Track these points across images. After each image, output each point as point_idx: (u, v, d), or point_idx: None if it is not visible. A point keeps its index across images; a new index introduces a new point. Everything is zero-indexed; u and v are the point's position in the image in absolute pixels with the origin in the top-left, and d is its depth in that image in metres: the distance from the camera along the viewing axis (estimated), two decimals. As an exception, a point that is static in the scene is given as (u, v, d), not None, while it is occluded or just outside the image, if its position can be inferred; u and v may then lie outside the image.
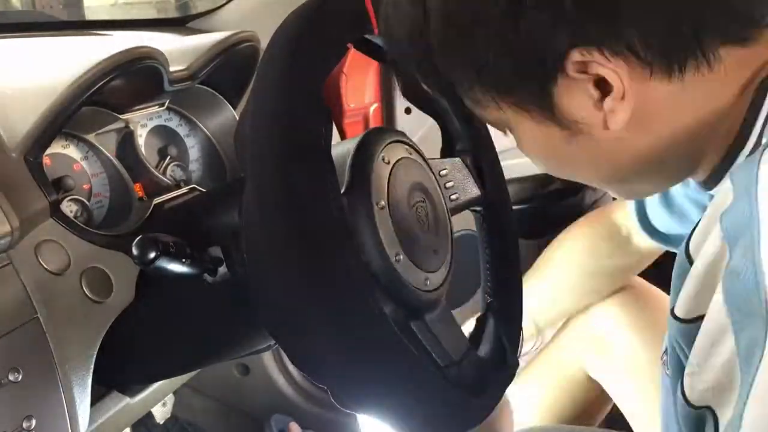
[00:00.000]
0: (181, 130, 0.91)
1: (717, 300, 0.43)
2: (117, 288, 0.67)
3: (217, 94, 0.91)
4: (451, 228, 0.68)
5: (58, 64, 0.73)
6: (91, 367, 0.64)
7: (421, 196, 0.64)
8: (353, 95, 1.20)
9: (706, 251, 0.46)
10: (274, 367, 1.31)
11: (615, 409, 1.10)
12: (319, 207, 0.50)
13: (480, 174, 0.77)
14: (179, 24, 1.26)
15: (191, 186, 0.85)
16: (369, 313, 0.51)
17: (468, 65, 0.51)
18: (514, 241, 0.79)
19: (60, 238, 0.64)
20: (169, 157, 0.87)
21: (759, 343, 0.39)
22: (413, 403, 0.54)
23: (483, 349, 0.69)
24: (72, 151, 0.77)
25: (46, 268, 0.62)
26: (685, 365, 0.48)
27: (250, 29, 0.91)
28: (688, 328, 0.48)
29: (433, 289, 0.62)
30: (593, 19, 0.46)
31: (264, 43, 0.57)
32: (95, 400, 0.67)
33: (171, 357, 0.72)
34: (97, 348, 0.64)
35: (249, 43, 0.90)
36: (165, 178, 0.83)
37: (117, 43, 0.84)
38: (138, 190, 0.80)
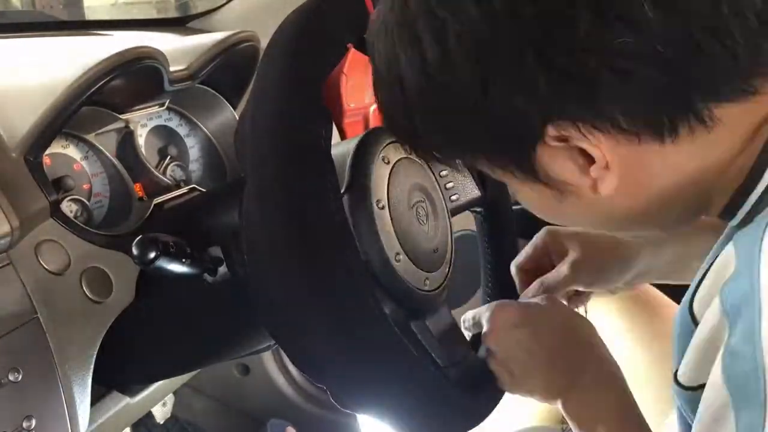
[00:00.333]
0: (181, 130, 0.91)
1: (716, 373, 0.42)
2: (117, 288, 0.67)
3: (217, 94, 0.91)
4: (451, 228, 0.68)
5: (58, 64, 0.73)
6: (91, 367, 0.64)
7: (421, 196, 0.64)
8: (353, 95, 1.19)
9: (707, 321, 0.44)
10: (274, 367, 1.31)
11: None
12: (319, 207, 0.50)
13: (480, 174, 0.77)
14: (179, 24, 1.26)
15: (191, 186, 0.85)
16: (369, 313, 0.51)
17: (448, 134, 0.49)
18: (514, 241, 0.79)
19: (60, 238, 0.64)
20: (169, 157, 0.87)
21: (757, 430, 0.38)
22: (413, 403, 0.54)
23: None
24: (72, 151, 0.77)
25: (46, 268, 0.62)
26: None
27: (250, 29, 0.91)
28: (693, 396, 0.47)
29: (433, 289, 0.62)
30: (571, 99, 0.43)
31: (264, 43, 0.57)
32: (95, 400, 0.67)
33: (171, 357, 0.72)
34: (97, 348, 0.64)
35: (249, 43, 0.90)
36: (165, 178, 0.83)
37: (117, 43, 0.84)
38: (138, 190, 0.80)
